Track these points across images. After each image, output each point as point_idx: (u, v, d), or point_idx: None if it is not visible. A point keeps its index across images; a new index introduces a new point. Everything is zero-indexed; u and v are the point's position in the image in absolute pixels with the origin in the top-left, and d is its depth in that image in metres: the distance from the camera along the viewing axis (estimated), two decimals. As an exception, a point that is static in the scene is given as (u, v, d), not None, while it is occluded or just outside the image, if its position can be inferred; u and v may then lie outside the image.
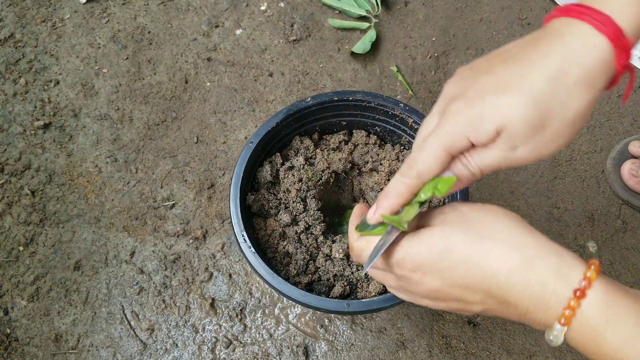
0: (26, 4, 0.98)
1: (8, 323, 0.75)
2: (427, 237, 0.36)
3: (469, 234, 0.35)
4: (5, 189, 0.83)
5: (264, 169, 0.67)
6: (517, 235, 0.34)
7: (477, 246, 0.34)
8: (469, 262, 0.34)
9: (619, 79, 0.34)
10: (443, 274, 0.35)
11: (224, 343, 0.74)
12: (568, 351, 0.74)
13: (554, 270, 0.32)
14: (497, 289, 0.33)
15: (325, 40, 0.96)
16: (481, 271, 0.34)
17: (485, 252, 0.34)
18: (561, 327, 0.32)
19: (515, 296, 0.33)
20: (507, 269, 0.33)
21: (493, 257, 0.33)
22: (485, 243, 0.34)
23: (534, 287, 0.32)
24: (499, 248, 0.34)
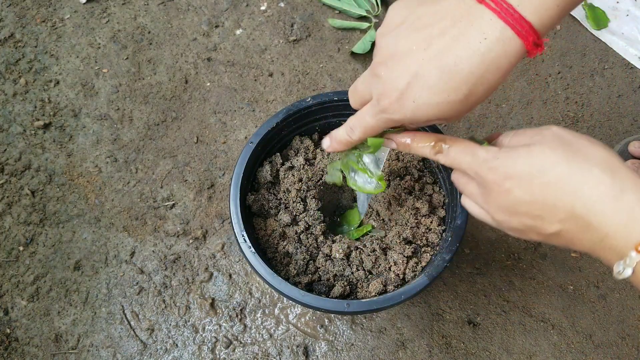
0: (26, 4, 0.98)
1: (8, 323, 0.75)
2: (526, 152, 0.38)
3: (567, 154, 0.36)
4: (5, 189, 0.83)
5: (264, 169, 0.67)
6: (613, 164, 0.36)
7: (573, 167, 0.36)
8: (563, 181, 0.36)
9: (535, 54, 0.38)
10: (535, 189, 0.37)
11: (224, 343, 0.74)
12: (568, 351, 0.74)
13: None
14: (583, 210, 0.35)
15: (325, 40, 0.96)
16: (573, 191, 0.35)
17: (580, 173, 0.35)
18: (636, 255, 0.33)
19: (599, 220, 0.34)
20: (598, 193, 0.34)
21: (587, 179, 0.35)
22: (582, 165, 0.36)
23: (620, 213, 0.34)
24: (593, 172, 0.35)
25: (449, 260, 0.57)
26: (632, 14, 0.97)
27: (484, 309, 0.76)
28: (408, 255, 0.62)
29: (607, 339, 0.75)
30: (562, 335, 0.75)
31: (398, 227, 0.65)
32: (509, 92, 0.92)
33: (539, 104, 0.91)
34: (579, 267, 0.79)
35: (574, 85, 0.93)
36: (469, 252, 0.80)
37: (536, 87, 0.93)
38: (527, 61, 0.95)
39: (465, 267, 0.79)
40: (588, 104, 0.91)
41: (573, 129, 0.89)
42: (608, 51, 0.95)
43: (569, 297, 0.77)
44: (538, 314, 0.76)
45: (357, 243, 0.67)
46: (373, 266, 0.64)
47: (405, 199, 0.67)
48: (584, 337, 0.75)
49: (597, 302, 0.77)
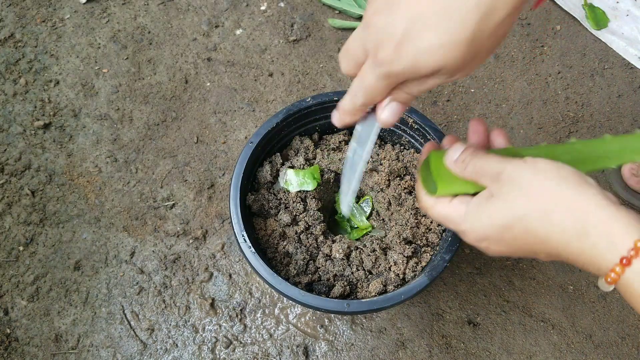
0: (26, 4, 0.98)
1: (8, 323, 0.75)
2: (487, 211, 0.40)
3: (526, 208, 0.38)
4: (5, 189, 0.83)
5: (264, 169, 0.67)
6: (574, 200, 0.37)
7: (535, 220, 0.38)
8: (531, 233, 0.38)
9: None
10: (509, 244, 0.40)
11: (224, 343, 0.74)
12: (568, 351, 0.74)
13: (606, 239, 0.35)
14: (557, 254, 0.38)
15: (325, 40, 0.96)
16: (542, 242, 0.38)
17: (543, 222, 0.37)
18: (607, 286, 0.36)
19: (572, 259, 0.38)
20: (564, 240, 0.37)
21: (551, 229, 0.37)
22: (543, 216, 0.37)
23: (587, 252, 0.36)
24: (557, 219, 0.37)
25: (449, 260, 0.57)
26: (632, 14, 0.97)
27: (484, 309, 0.76)
28: (408, 255, 0.62)
29: (607, 339, 0.75)
30: (562, 335, 0.75)
31: (398, 227, 0.65)
32: (509, 92, 0.92)
33: (539, 104, 0.91)
34: (579, 267, 0.79)
35: (574, 85, 0.93)
36: (469, 252, 0.80)
37: (536, 87, 0.93)
38: (527, 61, 0.95)
39: (465, 267, 0.79)
40: (588, 104, 0.91)
41: (573, 129, 0.89)
42: (608, 51, 0.95)
43: (569, 297, 0.77)
44: (538, 314, 0.76)
45: (357, 243, 0.67)
46: (373, 266, 0.64)
47: (405, 199, 0.67)
48: (584, 337, 0.75)
49: (597, 302, 0.77)
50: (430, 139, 0.66)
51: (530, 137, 0.88)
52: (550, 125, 0.89)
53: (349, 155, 0.49)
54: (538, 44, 0.96)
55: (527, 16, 0.98)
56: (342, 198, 0.51)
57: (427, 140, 0.66)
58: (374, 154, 0.71)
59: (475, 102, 0.91)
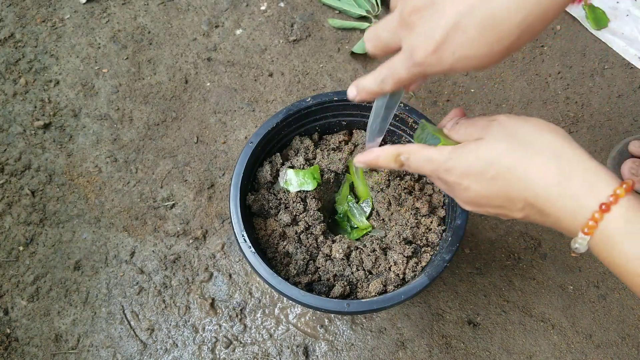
0: (26, 4, 0.98)
1: (8, 323, 0.75)
2: (474, 149, 0.40)
3: (512, 146, 0.38)
4: (5, 189, 0.83)
5: (264, 169, 0.67)
6: (559, 149, 0.37)
7: (519, 159, 0.37)
8: (512, 173, 0.38)
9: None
10: (489, 183, 0.39)
11: (224, 343, 0.74)
12: (568, 351, 0.74)
13: (588, 186, 0.35)
14: (535, 200, 0.37)
15: (325, 40, 0.96)
16: (522, 183, 0.37)
17: (526, 164, 0.37)
18: (584, 236, 0.36)
19: (550, 207, 0.37)
20: (545, 182, 0.36)
21: (534, 169, 0.37)
22: (527, 156, 0.37)
23: (567, 200, 0.36)
24: (540, 161, 0.37)
25: (449, 260, 0.57)
26: (632, 14, 0.97)
27: (484, 309, 0.76)
28: (408, 255, 0.62)
29: (607, 339, 0.75)
30: (562, 335, 0.75)
31: (398, 227, 0.65)
32: (508, 92, 0.92)
33: (539, 104, 0.91)
34: (579, 267, 0.79)
35: (574, 85, 0.93)
36: (469, 252, 0.80)
37: (536, 87, 0.93)
38: (527, 61, 0.95)
39: (465, 267, 0.79)
40: (588, 104, 0.91)
41: (573, 129, 0.89)
42: (608, 51, 0.95)
43: (569, 297, 0.77)
44: (538, 314, 0.76)
45: (357, 243, 0.67)
46: (373, 266, 0.64)
47: (405, 199, 0.67)
48: (584, 337, 0.75)
49: (597, 302, 0.77)
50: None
51: (530, 137, 0.88)
52: (550, 125, 0.89)
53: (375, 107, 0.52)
54: (538, 44, 0.96)
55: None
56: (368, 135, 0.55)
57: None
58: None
59: (475, 102, 0.91)
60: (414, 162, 0.45)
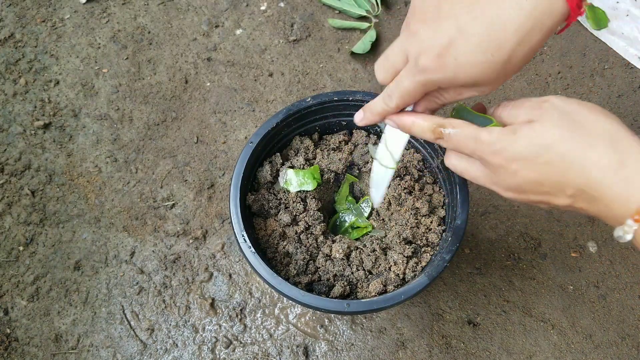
0: (26, 4, 0.98)
1: (8, 323, 0.75)
2: (527, 131, 0.38)
3: (569, 130, 0.37)
4: (5, 189, 0.83)
5: (264, 169, 0.67)
6: (615, 134, 0.36)
7: (575, 143, 0.36)
8: (567, 159, 0.36)
9: (575, 17, 0.38)
10: (541, 168, 0.37)
11: (224, 343, 0.74)
12: (568, 351, 0.74)
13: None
14: (588, 186, 0.36)
15: (325, 40, 0.96)
16: (578, 169, 0.36)
17: (582, 149, 0.36)
18: (633, 224, 0.35)
19: (601, 192, 0.36)
20: (600, 167, 0.35)
21: (589, 154, 0.36)
22: (584, 140, 0.36)
23: (621, 185, 0.35)
24: (595, 146, 0.36)
25: (449, 260, 0.57)
26: (632, 14, 0.97)
27: (484, 309, 0.76)
28: (408, 255, 0.62)
29: (607, 339, 0.75)
30: (562, 335, 0.75)
31: (398, 227, 0.65)
32: (508, 92, 0.92)
33: (539, 104, 0.91)
34: (579, 267, 0.79)
35: (574, 85, 0.93)
36: (469, 252, 0.80)
37: (536, 87, 0.93)
38: (527, 61, 0.95)
39: (465, 267, 0.79)
40: (588, 104, 0.91)
41: (573, 129, 0.89)
42: (608, 51, 0.95)
43: (569, 297, 0.77)
44: (538, 314, 0.76)
45: (357, 243, 0.67)
46: (373, 266, 0.64)
47: (405, 199, 0.67)
48: (584, 337, 0.75)
49: (597, 302, 0.77)
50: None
51: (530, 137, 0.88)
52: (550, 125, 0.89)
53: (377, 156, 0.54)
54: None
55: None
56: (373, 194, 0.57)
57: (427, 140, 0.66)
58: (374, 154, 0.71)
59: (475, 102, 0.91)
60: (457, 137, 0.42)
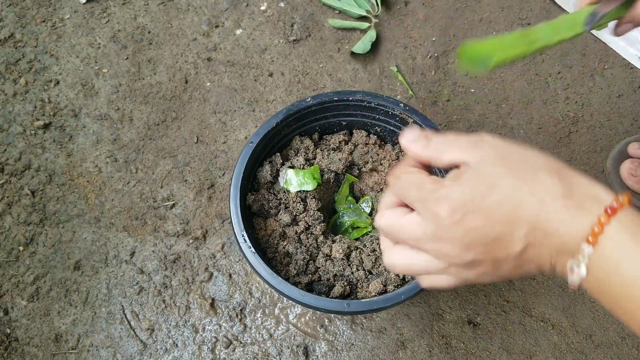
0: (26, 4, 0.98)
1: (8, 323, 0.75)
2: (467, 176, 0.36)
3: (511, 166, 0.35)
4: (5, 189, 0.83)
5: (264, 169, 0.67)
6: (554, 165, 0.35)
7: (521, 178, 0.35)
8: (516, 194, 0.34)
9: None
10: (488, 211, 0.35)
11: (224, 343, 0.74)
12: (568, 351, 0.74)
13: (591, 195, 0.34)
14: (540, 218, 0.34)
15: (325, 40, 0.96)
16: (529, 201, 0.34)
17: (530, 182, 0.34)
18: (587, 246, 0.33)
19: (556, 223, 0.33)
20: (551, 195, 0.34)
21: (538, 186, 0.34)
22: (528, 174, 0.35)
23: (572, 210, 0.33)
24: (542, 178, 0.34)
25: (449, 260, 0.57)
26: (632, 14, 0.97)
27: (484, 309, 0.76)
28: (408, 255, 0.62)
29: (607, 339, 0.75)
30: (562, 335, 0.75)
31: (398, 227, 0.65)
32: (509, 92, 0.92)
33: (539, 104, 0.91)
34: (579, 267, 0.79)
35: (574, 85, 0.93)
36: (469, 252, 0.80)
37: (536, 87, 0.93)
38: (527, 61, 0.95)
39: (465, 267, 0.79)
40: (588, 104, 0.91)
41: (573, 129, 0.89)
42: (608, 51, 0.95)
43: (569, 297, 0.77)
44: (538, 314, 0.76)
45: (357, 243, 0.67)
46: (373, 266, 0.64)
47: (405, 199, 0.66)
48: (584, 337, 0.75)
49: (597, 302, 0.77)
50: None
51: (531, 137, 0.88)
52: (550, 125, 0.89)
53: None
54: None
55: (527, 16, 0.98)
56: None
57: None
58: (373, 154, 0.71)
59: (475, 102, 0.91)
60: (404, 183, 0.39)
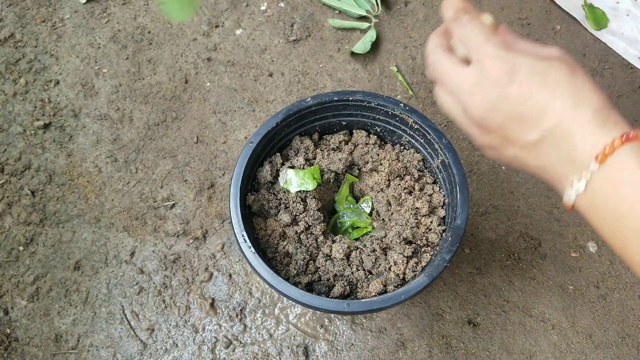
0: (26, 4, 0.98)
1: (8, 323, 0.75)
2: (536, 57, 0.38)
3: (568, 74, 0.36)
4: (5, 189, 0.83)
5: (264, 169, 0.67)
6: (605, 104, 0.36)
7: (572, 82, 0.36)
8: (559, 89, 0.36)
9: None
10: (530, 89, 0.36)
11: (224, 343, 0.74)
12: (568, 351, 0.74)
13: (616, 122, 0.35)
14: (569, 122, 0.35)
15: (325, 40, 0.96)
16: (565, 99, 0.35)
17: (577, 89, 0.36)
18: (594, 164, 0.34)
19: (578, 131, 0.35)
20: (585, 107, 0.35)
21: (582, 95, 0.35)
22: (579, 84, 0.36)
23: (594, 125, 0.34)
24: (587, 90, 0.36)
25: (449, 260, 0.57)
26: (632, 14, 0.97)
27: (484, 309, 0.76)
28: (408, 255, 0.62)
29: (607, 339, 0.75)
30: (562, 335, 0.75)
31: (398, 227, 0.65)
32: (509, 92, 0.92)
33: (539, 104, 0.91)
34: (579, 267, 0.79)
35: (574, 85, 0.93)
36: (469, 252, 0.80)
37: (536, 87, 0.93)
38: (527, 61, 0.95)
39: (465, 267, 0.79)
40: (588, 104, 0.91)
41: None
42: (608, 51, 0.95)
43: (569, 297, 0.77)
44: (538, 314, 0.76)
45: (357, 243, 0.67)
46: (373, 266, 0.64)
47: (405, 199, 0.67)
48: (584, 337, 0.75)
49: (597, 302, 0.77)
50: (430, 139, 0.66)
51: (530, 137, 0.88)
52: (550, 125, 0.89)
53: None
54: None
55: (527, 16, 0.98)
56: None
57: (427, 140, 0.67)
58: (373, 154, 0.71)
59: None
60: (471, 27, 0.40)
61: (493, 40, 0.38)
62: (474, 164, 0.86)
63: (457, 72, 0.39)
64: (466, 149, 0.87)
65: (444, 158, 0.64)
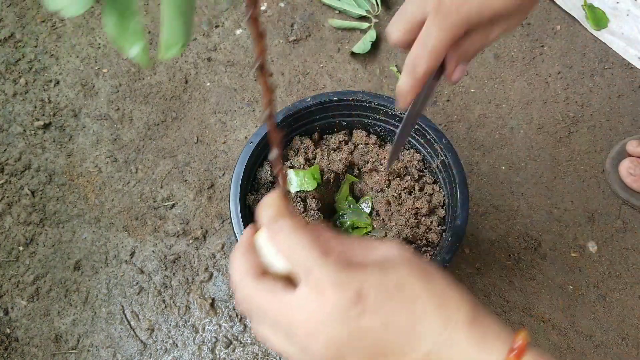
0: (26, 4, 0.98)
1: (8, 323, 0.75)
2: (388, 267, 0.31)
3: (427, 284, 0.31)
4: (5, 189, 0.83)
5: (264, 169, 0.67)
6: (468, 300, 0.32)
7: (433, 299, 0.30)
8: (422, 313, 0.30)
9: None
10: (387, 316, 0.30)
11: (224, 343, 0.74)
12: (568, 351, 0.74)
13: (495, 333, 0.32)
14: (445, 346, 0.30)
15: (325, 40, 0.96)
16: (432, 324, 0.30)
17: (440, 307, 0.31)
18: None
19: (457, 354, 0.30)
20: (456, 325, 0.30)
21: (446, 312, 0.30)
22: (439, 297, 0.31)
23: (478, 342, 0.31)
24: (451, 304, 0.31)
25: (449, 260, 0.57)
26: (632, 14, 0.97)
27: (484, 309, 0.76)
28: (408, 255, 0.62)
29: (607, 339, 0.75)
30: (562, 336, 0.75)
31: (398, 227, 0.65)
32: (508, 92, 0.92)
33: (539, 104, 0.91)
34: (579, 267, 0.79)
35: (574, 85, 0.93)
36: (469, 252, 0.80)
37: (536, 87, 0.93)
38: (527, 61, 0.95)
39: (465, 267, 0.79)
40: (588, 104, 0.91)
41: (573, 129, 0.89)
42: (608, 51, 0.95)
43: (569, 297, 0.77)
44: (538, 314, 0.76)
45: (357, 243, 0.67)
46: (373, 266, 0.63)
47: (405, 199, 0.67)
48: (584, 337, 0.75)
49: (597, 303, 0.77)
50: (430, 139, 0.66)
51: (531, 137, 0.88)
52: (550, 125, 0.89)
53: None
54: (538, 44, 0.96)
55: (527, 16, 0.98)
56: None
57: (427, 140, 0.66)
58: (373, 154, 0.71)
59: (475, 102, 0.91)
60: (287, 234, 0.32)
61: (328, 258, 0.30)
62: (474, 164, 0.86)
63: (286, 307, 0.30)
64: (466, 149, 0.87)
65: (444, 158, 0.64)
